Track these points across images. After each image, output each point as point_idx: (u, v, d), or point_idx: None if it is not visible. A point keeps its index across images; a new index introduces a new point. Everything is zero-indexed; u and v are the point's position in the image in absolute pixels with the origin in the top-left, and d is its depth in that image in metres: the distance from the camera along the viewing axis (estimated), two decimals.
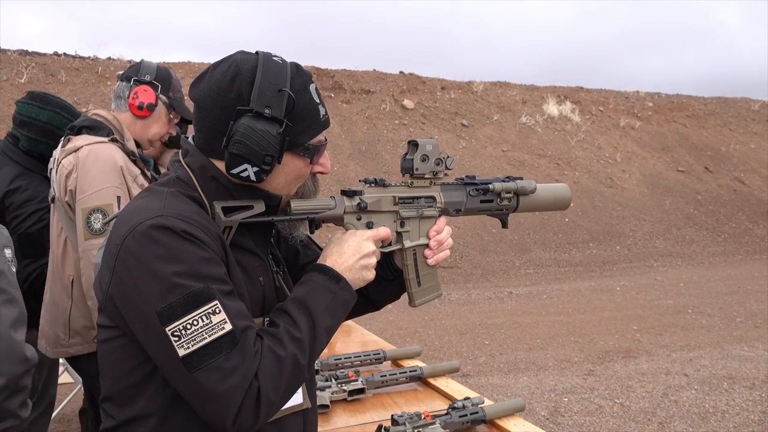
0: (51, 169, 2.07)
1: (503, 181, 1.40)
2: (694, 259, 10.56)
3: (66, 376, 3.39)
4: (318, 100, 1.16)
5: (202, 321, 0.98)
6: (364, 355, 2.21)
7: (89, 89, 9.96)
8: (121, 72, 2.19)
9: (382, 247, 1.25)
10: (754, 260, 10.72)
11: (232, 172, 1.09)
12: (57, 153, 2.06)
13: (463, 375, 4.64)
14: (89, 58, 11.19)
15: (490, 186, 1.37)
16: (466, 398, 1.77)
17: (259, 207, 1.12)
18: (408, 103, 12.73)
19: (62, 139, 2.12)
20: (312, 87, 1.15)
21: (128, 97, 2.10)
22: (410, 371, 2.07)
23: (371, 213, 1.23)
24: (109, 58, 11.33)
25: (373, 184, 1.26)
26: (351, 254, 1.17)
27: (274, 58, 1.12)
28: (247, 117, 1.06)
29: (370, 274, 1.19)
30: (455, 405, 1.72)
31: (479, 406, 1.75)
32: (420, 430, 1.59)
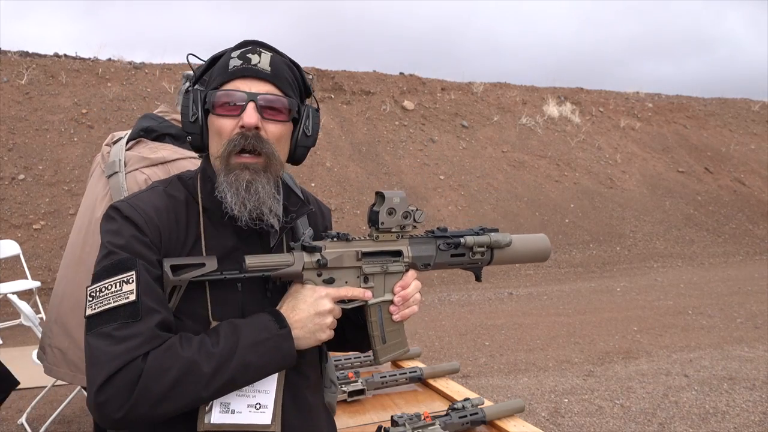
0: (116, 173, 1.84)
1: (476, 233, 1.35)
2: (695, 260, 10.56)
3: None
4: (236, 56, 1.15)
5: (114, 287, 1.02)
6: (364, 357, 2.21)
7: (89, 90, 9.96)
8: (190, 73, 1.86)
9: (344, 302, 1.20)
10: (755, 261, 10.72)
11: (191, 144, 1.20)
12: (120, 152, 1.88)
13: (463, 376, 4.64)
14: (89, 59, 11.19)
15: (462, 240, 1.32)
16: (466, 399, 1.77)
17: (211, 265, 1.10)
18: (408, 104, 12.73)
19: (126, 137, 1.92)
20: (239, 50, 1.16)
21: None
22: (410, 372, 2.07)
23: (332, 269, 1.18)
24: (110, 60, 11.33)
25: (335, 239, 1.20)
26: (305, 309, 1.12)
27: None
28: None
29: (324, 335, 1.14)
30: (455, 406, 1.72)
31: (479, 407, 1.75)
32: (420, 431, 1.59)
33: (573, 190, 11.90)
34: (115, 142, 1.96)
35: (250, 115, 1.10)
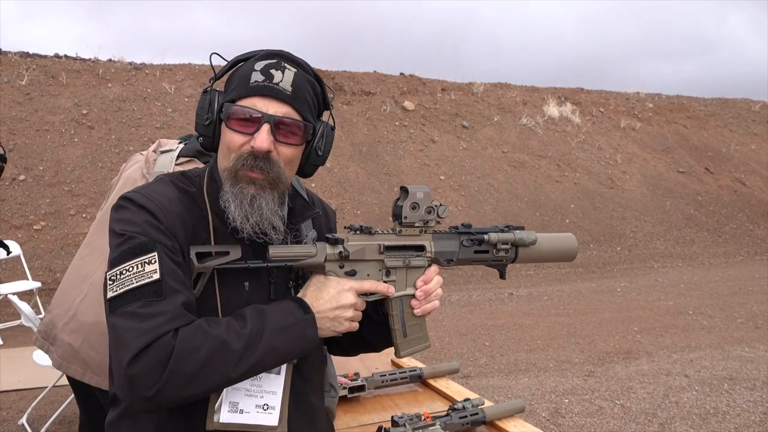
0: None
1: (501, 230, 1.33)
2: (695, 260, 10.55)
3: (66, 378, 3.39)
4: (259, 69, 1.12)
5: (136, 269, 1.01)
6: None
7: (90, 91, 9.96)
8: None
9: (366, 296, 1.20)
10: (755, 261, 10.71)
11: (201, 144, 1.21)
12: (169, 165, 1.86)
13: (464, 376, 4.64)
14: (90, 60, 11.20)
15: (485, 236, 1.30)
16: (466, 399, 1.77)
17: (235, 253, 1.11)
18: (408, 104, 12.73)
19: (178, 151, 1.90)
20: (264, 62, 1.13)
21: None
22: (410, 372, 2.07)
23: (354, 261, 1.18)
24: (110, 60, 11.33)
25: (358, 232, 1.20)
26: (327, 300, 1.13)
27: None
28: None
29: (343, 327, 1.15)
30: (455, 406, 1.72)
31: (479, 407, 1.75)
32: (420, 431, 1.59)
33: (573, 190, 11.90)
34: (163, 152, 1.94)
35: (263, 140, 1.10)
